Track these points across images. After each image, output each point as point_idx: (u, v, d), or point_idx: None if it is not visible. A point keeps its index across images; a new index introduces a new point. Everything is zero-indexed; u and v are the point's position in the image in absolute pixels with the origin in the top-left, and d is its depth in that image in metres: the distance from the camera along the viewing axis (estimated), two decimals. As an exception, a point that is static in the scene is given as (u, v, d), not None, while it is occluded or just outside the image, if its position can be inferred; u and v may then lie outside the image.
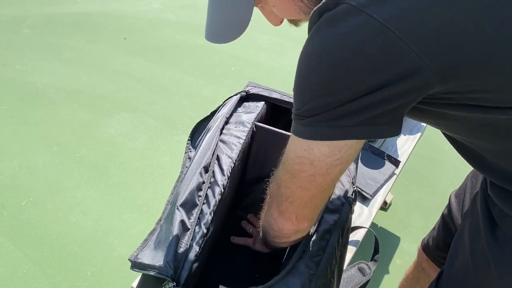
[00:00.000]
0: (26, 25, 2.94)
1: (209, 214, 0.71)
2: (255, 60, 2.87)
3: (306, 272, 0.65)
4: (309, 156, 0.55)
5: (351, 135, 0.51)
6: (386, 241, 1.77)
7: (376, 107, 0.49)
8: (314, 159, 0.55)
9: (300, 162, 0.56)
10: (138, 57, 2.74)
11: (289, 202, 0.62)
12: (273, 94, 0.94)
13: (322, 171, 0.56)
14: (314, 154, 0.54)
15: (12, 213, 1.67)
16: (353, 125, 0.50)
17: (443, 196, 2.02)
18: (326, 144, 0.53)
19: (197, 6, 3.49)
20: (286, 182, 0.61)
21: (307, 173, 0.57)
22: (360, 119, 0.50)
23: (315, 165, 0.55)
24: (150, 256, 0.67)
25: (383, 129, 0.52)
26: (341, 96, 0.49)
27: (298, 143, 0.55)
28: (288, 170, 0.59)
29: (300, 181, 0.58)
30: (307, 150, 0.55)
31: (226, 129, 0.83)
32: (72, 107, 2.25)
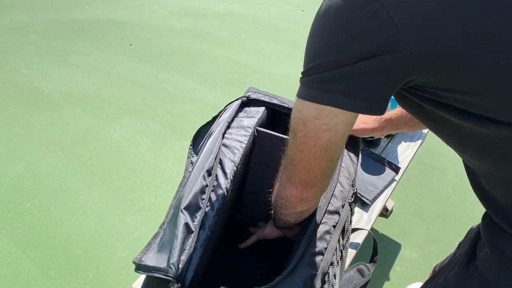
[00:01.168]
0: (34, 31, 2.98)
1: (213, 217, 0.73)
2: (259, 67, 2.89)
3: (307, 272, 0.66)
4: (301, 116, 0.59)
5: (333, 102, 0.54)
6: (386, 248, 1.77)
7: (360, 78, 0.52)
8: (305, 120, 0.58)
9: (297, 121, 0.60)
10: (143, 63, 2.77)
11: (292, 165, 0.65)
12: (273, 100, 0.95)
13: (312, 133, 0.58)
14: (304, 114, 0.58)
15: (16, 215, 1.69)
16: (337, 92, 0.54)
17: (445, 203, 2.02)
18: (314, 107, 0.56)
19: (202, 14, 3.53)
20: (290, 142, 0.64)
21: (301, 133, 0.60)
22: (345, 88, 0.53)
23: (307, 125, 0.58)
24: (154, 259, 0.68)
25: (364, 104, 0.54)
26: (332, 59, 0.53)
27: (296, 102, 0.60)
28: (292, 130, 0.62)
29: (298, 142, 0.61)
30: (300, 110, 0.58)
31: (228, 133, 0.84)
32: (76, 111, 2.27)
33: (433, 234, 1.85)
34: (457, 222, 1.93)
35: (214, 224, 0.71)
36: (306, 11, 3.83)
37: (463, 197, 2.04)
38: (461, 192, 2.09)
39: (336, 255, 0.72)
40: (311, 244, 0.68)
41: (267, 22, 3.53)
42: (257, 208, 1.04)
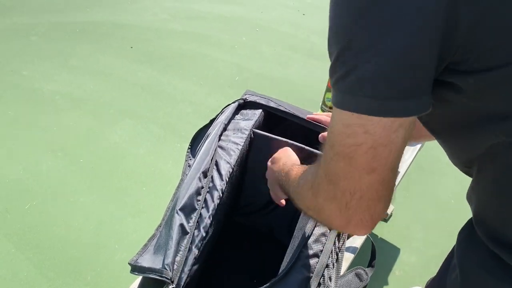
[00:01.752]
0: (35, 33, 2.99)
1: (208, 218, 0.73)
2: (260, 70, 2.90)
3: (303, 274, 0.66)
4: (360, 121, 0.45)
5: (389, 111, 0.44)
6: (385, 252, 1.77)
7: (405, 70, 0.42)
8: (367, 124, 0.44)
9: (353, 132, 0.45)
10: (144, 65, 2.78)
11: (356, 199, 0.48)
12: (270, 102, 0.96)
13: (382, 139, 0.45)
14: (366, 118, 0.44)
15: (15, 217, 1.69)
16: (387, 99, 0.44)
17: (444, 208, 2.02)
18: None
19: (203, 17, 3.54)
20: (345, 171, 0.47)
21: (365, 146, 0.45)
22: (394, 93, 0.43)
23: (371, 132, 0.44)
24: (150, 260, 0.68)
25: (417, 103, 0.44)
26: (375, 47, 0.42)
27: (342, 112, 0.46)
28: (341, 153, 0.47)
29: (361, 161, 0.46)
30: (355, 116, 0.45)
31: (224, 135, 0.85)
32: (77, 113, 2.28)
33: (432, 239, 1.85)
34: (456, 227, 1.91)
35: (209, 225, 0.72)
36: (307, 15, 3.84)
37: (463, 202, 2.02)
38: (461, 197, 2.08)
39: (332, 257, 0.73)
40: (306, 246, 0.68)
41: (268, 25, 3.54)
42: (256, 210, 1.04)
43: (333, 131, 0.48)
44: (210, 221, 0.72)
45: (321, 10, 4.01)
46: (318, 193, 0.53)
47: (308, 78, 2.86)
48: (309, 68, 2.98)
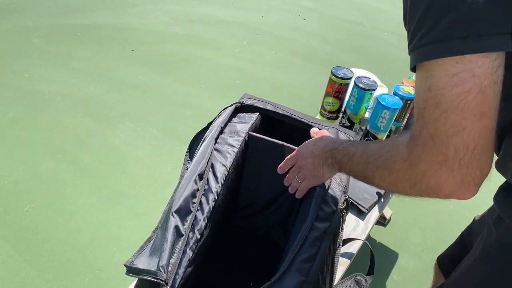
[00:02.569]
0: (36, 35, 3.00)
1: (203, 220, 0.73)
2: (260, 74, 2.90)
3: (297, 279, 0.66)
4: (466, 67, 0.46)
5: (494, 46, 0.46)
6: (384, 257, 1.77)
7: None
8: (473, 67, 0.46)
9: (459, 80, 0.47)
10: (145, 68, 2.79)
11: (470, 153, 0.48)
12: (267, 105, 0.96)
13: (487, 80, 0.46)
14: (470, 61, 0.46)
15: (14, 218, 1.69)
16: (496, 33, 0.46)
17: (444, 214, 2.02)
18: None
19: (204, 21, 3.56)
20: (457, 124, 0.48)
21: (474, 91, 0.46)
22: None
23: (478, 74, 0.46)
24: (145, 262, 0.68)
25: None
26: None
27: (442, 62, 0.47)
28: (450, 107, 0.47)
29: (473, 108, 0.47)
30: (460, 61, 0.46)
31: (220, 138, 0.85)
32: (77, 115, 2.29)
33: (430, 244, 1.85)
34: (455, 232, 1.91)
35: (204, 228, 0.72)
36: (307, 20, 3.85)
37: (462, 207, 2.04)
38: (460, 202, 2.08)
39: (327, 262, 0.73)
40: (301, 251, 0.68)
41: (268, 30, 3.55)
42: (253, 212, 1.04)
43: (434, 87, 0.48)
44: (205, 223, 0.73)
45: (322, 15, 4.02)
46: (420, 161, 0.52)
47: (308, 82, 2.87)
48: (309, 73, 2.99)
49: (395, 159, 0.57)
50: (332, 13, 4.09)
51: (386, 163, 0.60)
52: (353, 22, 3.96)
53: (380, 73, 1.73)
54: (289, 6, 4.11)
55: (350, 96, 1.45)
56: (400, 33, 3.72)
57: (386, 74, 2.47)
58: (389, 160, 0.59)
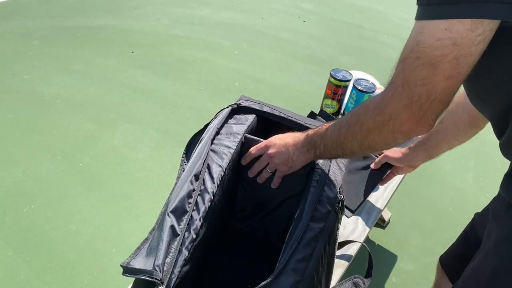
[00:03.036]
0: (37, 37, 3.01)
1: (199, 220, 0.73)
2: (260, 76, 2.91)
3: (293, 278, 0.66)
4: (451, 35, 0.53)
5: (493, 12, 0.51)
6: (383, 259, 1.77)
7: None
8: (457, 37, 0.52)
9: (441, 45, 0.54)
10: (145, 70, 2.80)
11: (430, 101, 0.59)
12: (264, 107, 0.97)
13: (465, 50, 0.53)
14: (456, 31, 0.52)
15: (14, 219, 1.69)
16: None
17: (443, 216, 2.02)
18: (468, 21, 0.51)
19: (204, 23, 3.57)
20: (427, 77, 0.56)
21: (450, 56, 0.54)
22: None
23: (458, 43, 0.53)
24: (142, 262, 0.69)
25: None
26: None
27: (435, 24, 0.53)
28: (428, 61, 0.55)
29: (444, 69, 0.55)
30: (449, 28, 0.52)
31: (217, 139, 0.86)
32: (77, 117, 2.29)
33: (429, 246, 1.85)
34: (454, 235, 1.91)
35: (199, 227, 0.72)
36: (307, 22, 3.86)
37: (461, 210, 2.04)
38: (459, 205, 2.09)
39: (322, 262, 0.73)
40: (296, 250, 0.68)
41: (268, 32, 3.56)
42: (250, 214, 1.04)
43: (421, 44, 0.55)
44: (201, 223, 0.73)
45: (321, 17, 4.03)
46: (388, 104, 0.62)
47: (307, 84, 2.87)
48: (309, 74, 3.00)
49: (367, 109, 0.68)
50: (332, 15, 4.10)
51: (359, 117, 0.70)
52: (352, 24, 3.97)
53: (379, 75, 1.74)
54: (288, 8, 4.12)
55: (349, 98, 1.45)
56: (400, 36, 3.72)
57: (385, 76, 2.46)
58: (361, 114, 0.70)
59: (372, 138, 0.68)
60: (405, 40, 0.61)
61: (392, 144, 0.69)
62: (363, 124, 0.68)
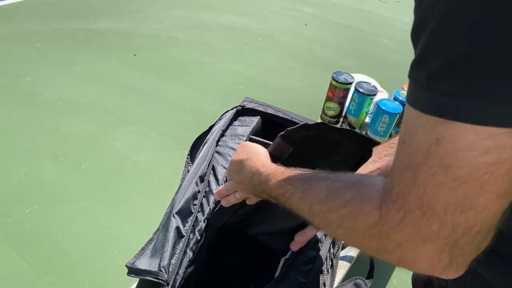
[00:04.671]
0: (39, 39, 3.02)
1: (203, 222, 0.74)
2: (261, 79, 2.92)
3: (297, 281, 0.67)
4: (502, 139, 0.31)
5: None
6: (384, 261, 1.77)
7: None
8: (506, 145, 0.31)
9: (497, 146, 0.32)
10: (147, 73, 2.81)
11: (472, 235, 0.35)
12: (268, 109, 0.97)
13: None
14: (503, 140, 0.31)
15: (16, 221, 1.70)
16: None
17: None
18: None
19: (206, 26, 3.58)
20: (467, 200, 0.34)
21: (509, 164, 0.32)
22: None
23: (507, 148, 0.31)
24: (147, 263, 0.69)
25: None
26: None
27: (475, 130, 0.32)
28: (468, 177, 0.33)
29: (497, 185, 0.33)
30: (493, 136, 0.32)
31: (222, 141, 0.86)
32: (79, 119, 2.30)
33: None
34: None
35: (204, 229, 0.73)
36: (309, 26, 3.87)
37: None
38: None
39: (327, 264, 0.73)
40: (301, 252, 0.69)
41: (270, 35, 3.57)
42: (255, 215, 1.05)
43: (451, 145, 0.33)
44: (205, 224, 0.74)
45: (322, 20, 4.04)
46: (397, 232, 0.38)
47: (308, 87, 2.88)
48: (310, 77, 3.01)
49: (357, 219, 0.42)
50: (333, 19, 4.11)
51: (342, 221, 0.44)
52: (353, 28, 3.98)
53: (380, 78, 1.75)
54: (290, 12, 4.14)
55: (351, 101, 1.46)
56: (401, 39, 3.74)
57: (386, 79, 2.48)
58: (345, 218, 0.44)
59: (365, 249, 0.43)
60: (406, 44, 0.57)
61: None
62: (351, 235, 0.44)
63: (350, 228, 0.43)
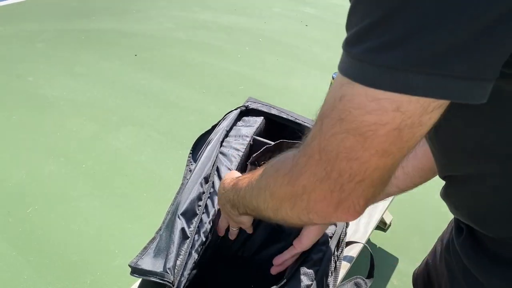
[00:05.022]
0: (41, 39, 3.03)
1: (208, 223, 0.74)
2: (262, 79, 2.92)
3: (303, 282, 0.67)
4: (393, 97, 0.35)
5: (452, 93, 0.34)
6: (384, 262, 1.77)
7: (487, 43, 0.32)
8: (402, 101, 0.35)
9: (380, 108, 0.36)
10: (148, 73, 2.81)
11: (355, 182, 0.41)
12: (272, 110, 0.98)
13: (413, 119, 0.36)
14: (402, 106, 0.35)
15: (17, 220, 1.70)
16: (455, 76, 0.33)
17: (443, 219, 2.02)
18: (421, 99, 0.35)
19: (207, 27, 3.58)
20: (352, 150, 0.39)
21: (389, 127, 0.36)
22: (464, 65, 0.33)
23: (404, 109, 0.35)
24: (151, 263, 0.69)
25: (480, 86, 0.35)
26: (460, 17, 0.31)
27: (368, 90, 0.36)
28: (354, 130, 0.38)
29: (377, 143, 0.38)
30: (390, 101, 0.36)
31: (226, 141, 0.87)
32: (80, 119, 2.31)
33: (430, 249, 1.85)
34: (455, 238, 1.93)
35: (209, 231, 0.73)
36: (309, 26, 3.88)
37: (462, 213, 2.04)
38: (460, 208, 2.09)
39: (331, 265, 0.74)
40: (307, 254, 0.69)
41: (271, 36, 3.58)
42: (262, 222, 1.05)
43: (347, 100, 0.38)
44: (211, 226, 0.74)
45: (323, 21, 4.05)
46: (301, 174, 0.44)
47: (309, 87, 2.89)
48: (311, 78, 3.01)
49: (278, 173, 0.50)
50: (334, 19, 4.12)
51: (268, 180, 0.52)
52: (354, 29, 3.98)
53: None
54: (291, 12, 4.15)
55: (351, 102, 1.46)
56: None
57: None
58: (271, 176, 0.52)
59: (285, 213, 0.50)
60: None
61: (310, 224, 0.52)
62: (273, 192, 0.51)
63: (273, 184, 0.51)
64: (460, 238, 0.62)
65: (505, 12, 0.31)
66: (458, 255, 0.62)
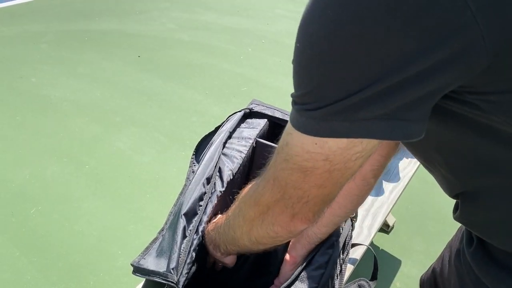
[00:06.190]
0: (44, 40, 3.04)
1: (205, 223, 0.74)
2: (265, 81, 2.93)
3: (308, 285, 0.67)
4: (322, 151, 0.44)
5: (371, 132, 0.41)
6: (387, 264, 1.77)
7: (404, 90, 0.38)
8: (329, 154, 0.44)
9: (312, 158, 0.45)
10: (150, 74, 2.82)
11: (302, 203, 0.51)
12: (276, 112, 0.97)
13: (340, 165, 0.45)
14: (328, 147, 0.43)
15: (20, 221, 1.71)
16: (373, 118, 0.40)
17: (447, 222, 2.02)
18: (343, 141, 0.43)
19: (210, 28, 3.59)
20: (296, 182, 0.49)
21: (322, 170, 0.46)
22: (382, 110, 0.39)
23: (331, 159, 0.44)
24: (153, 263, 0.69)
25: (410, 127, 0.41)
26: (365, 74, 0.38)
27: (305, 137, 0.44)
28: (297, 168, 0.47)
29: (315, 179, 0.47)
30: (319, 144, 0.43)
31: (229, 143, 0.87)
32: (83, 120, 2.31)
33: (433, 252, 1.85)
34: (458, 240, 1.93)
35: (207, 230, 0.73)
36: (312, 28, 3.88)
37: (465, 215, 2.04)
38: (463, 210, 2.09)
39: (336, 269, 0.73)
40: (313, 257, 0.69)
41: (273, 37, 3.58)
42: None
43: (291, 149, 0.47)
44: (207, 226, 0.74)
45: (327, 23, 4.05)
46: (263, 195, 0.55)
47: (312, 89, 2.88)
48: (314, 80, 3.01)
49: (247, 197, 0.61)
50: (337, 21, 4.12)
51: (240, 206, 0.64)
52: (357, 30, 3.99)
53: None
54: (293, 14, 4.15)
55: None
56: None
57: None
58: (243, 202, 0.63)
59: (257, 231, 0.60)
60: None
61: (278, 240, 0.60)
62: (245, 215, 0.61)
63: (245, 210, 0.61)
64: (471, 248, 0.65)
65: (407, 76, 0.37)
66: (469, 264, 0.65)
